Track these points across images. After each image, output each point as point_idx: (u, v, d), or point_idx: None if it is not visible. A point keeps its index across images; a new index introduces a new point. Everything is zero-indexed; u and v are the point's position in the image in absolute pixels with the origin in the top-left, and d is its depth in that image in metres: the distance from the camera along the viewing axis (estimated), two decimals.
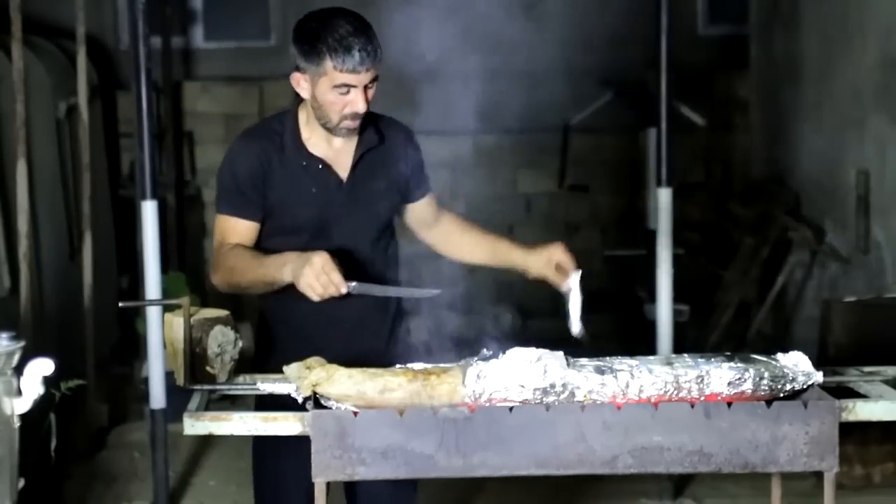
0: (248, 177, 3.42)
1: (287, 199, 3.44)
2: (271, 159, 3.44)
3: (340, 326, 3.48)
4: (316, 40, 3.32)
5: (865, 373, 3.30)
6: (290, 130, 3.47)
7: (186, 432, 3.00)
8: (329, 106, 3.36)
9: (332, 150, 3.48)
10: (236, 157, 3.48)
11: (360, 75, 3.30)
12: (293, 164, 3.44)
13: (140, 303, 5.71)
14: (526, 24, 9.03)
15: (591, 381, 2.95)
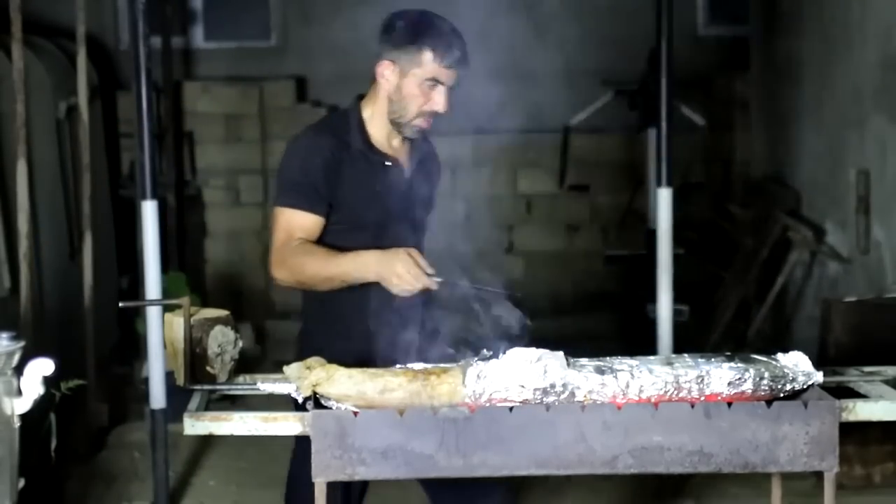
0: (318, 171, 3.41)
1: (354, 195, 3.45)
2: (340, 155, 3.44)
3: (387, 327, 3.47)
4: (418, 31, 3.38)
5: (865, 373, 3.30)
6: (356, 127, 3.49)
7: (186, 432, 3.00)
8: (411, 99, 3.40)
9: (393, 149, 3.52)
10: (306, 151, 3.46)
11: (451, 73, 3.38)
12: (360, 161, 3.46)
13: (140, 303, 5.71)
14: (526, 24, 9.03)
15: (591, 381, 2.95)
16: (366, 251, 3.30)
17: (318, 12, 9.12)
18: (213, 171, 8.86)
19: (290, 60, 9.22)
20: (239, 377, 3.28)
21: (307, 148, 3.46)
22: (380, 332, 3.38)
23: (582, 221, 9.07)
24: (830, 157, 6.78)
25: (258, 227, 8.94)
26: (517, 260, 8.95)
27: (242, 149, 8.89)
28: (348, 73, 8.94)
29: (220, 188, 8.88)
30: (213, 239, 8.91)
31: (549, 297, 8.85)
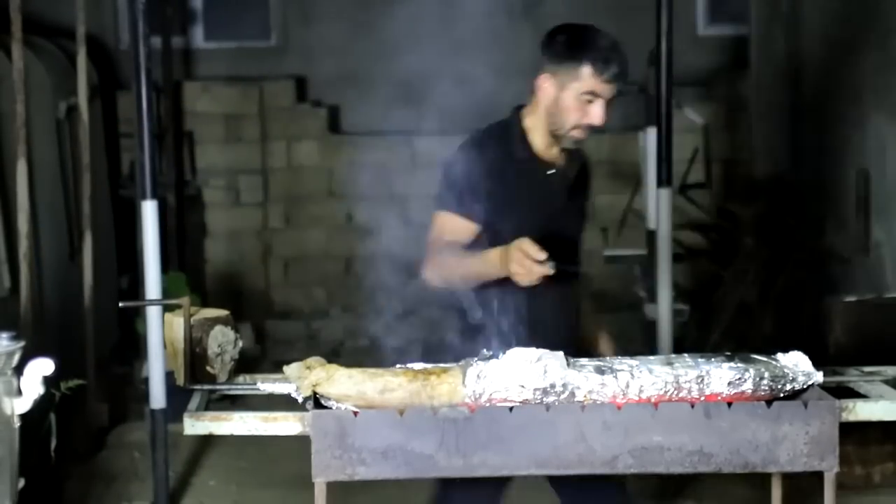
0: (479, 178, 3.46)
1: (516, 202, 3.48)
2: (500, 164, 3.48)
3: (539, 324, 3.48)
4: (578, 46, 3.48)
5: (865, 373, 3.30)
6: (519, 137, 3.53)
7: (186, 432, 3.00)
8: (568, 112, 3.45)
9: (553, 158, 3.55)
10: (468, 158, 3.52)
11: (608, 87, 3.44)
12: (524, 170, 3.50)
13: (140, 303, 5.71)
14: (526, 24, 9.04)
15: (591, 381, 2.95)
16: (491, 250, 3.33)
17: (318, 12, 9.13)
18: (213, 171, 8.86)
19: (290, 60, 9.22)
20: (239, 377, 3.28)
21: (470, 155, 3.52)
22: (542, 322, 3.45)
23: None
24: (830, 157, 6.78)
25: (258, 227, 8.94)
26: None
27: (242, 149, 8.89)
28: (348, 73, 8.99)
29: (220, 188, 8.89)
30: (213, 239, 8.91)
31: None
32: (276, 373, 3.20)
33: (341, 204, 8.96)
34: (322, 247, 9.02)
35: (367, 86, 8.54)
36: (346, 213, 8.98)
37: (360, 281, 8.90)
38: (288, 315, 8.93)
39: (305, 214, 9.00)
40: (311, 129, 8.99)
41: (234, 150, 8.88)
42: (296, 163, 8.98)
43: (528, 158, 3.52)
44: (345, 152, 8.98)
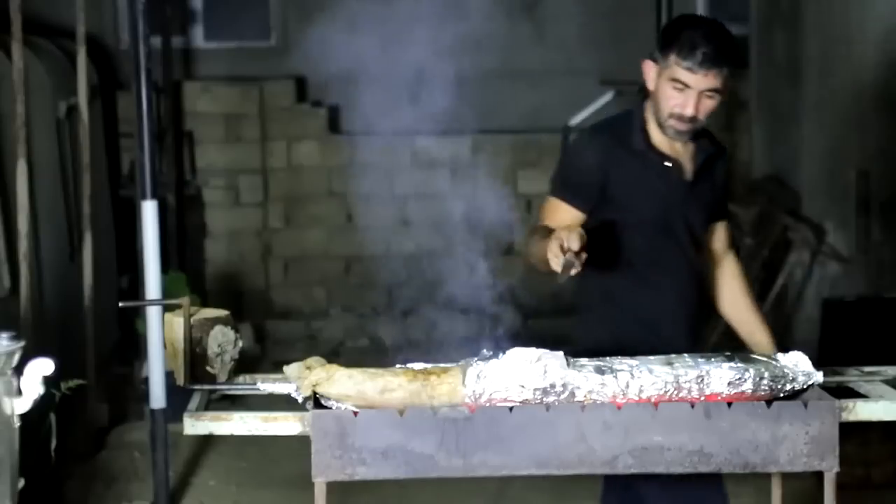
0: (587, 168, 3.49)
1: (632, 194, 3.49)
2: (617, 155, 3.49)
3: (655, 314, 3.53)
4: (672, 32, 3.43)
5: (865, 373, 3.30)
6: (638, 127, 3.52)
7: (186, 432, 3.00)
8: (664, 99, 3.43)
9: (674, 150, 3.54)
10: (580, 148, 3.57)
11: (696, 77, 3.36)
12: (640, 161, 3.50)
13: (140, 303, 5.71)
14: (526, 24, 9.04)
15: (591, 381, 2.95)
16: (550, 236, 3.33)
17: (318, 12, 9.12)
18: (213, 171, 8.86)
19: (290, 60, 9.21)
20: (239, 377, 3.28)
21: (583, 146, 3.57)
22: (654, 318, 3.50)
23: None
24: (830, 157, 6.78)
25: (258, 227, 8.94)
26: (517, 260, 8.94)
27: (242, 149, 8.89)
28: (348, 73, 8.98)
29: (220, 188, 8.88)
30: (213, 239, 8.91)
31: (549, 296, 8.85)
32: (276, 373, 3.20)
33: (341, 204, 8.96)
34: (322, 247, 9.02)
35: (367, 86, 8.54)
36: (346, 213, 8.98)
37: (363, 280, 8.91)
38: (288, 315, 8.93)
39: (305, 214, 9.00)
40: (311, 129, 8.99)
41: (234, 150, 8.88)
42: (296, 163, 8.97)
43: (643, 149, 3.51)
44: (345, 152, 8.97)
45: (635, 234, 3.50)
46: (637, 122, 3.53)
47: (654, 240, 3.50)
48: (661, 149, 3.52)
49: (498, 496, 5.38)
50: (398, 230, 8.83)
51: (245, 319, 8.08)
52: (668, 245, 3.51)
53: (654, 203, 3.51)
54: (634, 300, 3.53)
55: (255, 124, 8.89)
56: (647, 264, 3.53)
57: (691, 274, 3.58)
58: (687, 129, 3.46)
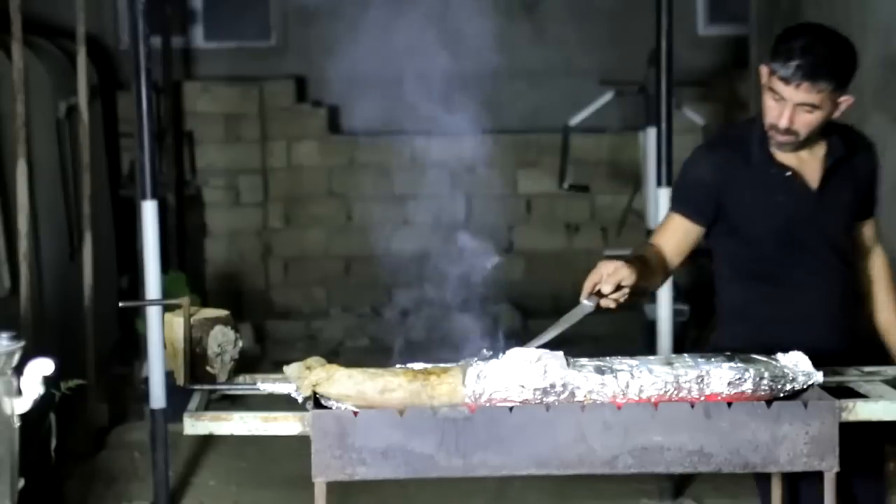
0: (702, 183, 3.46)
1: (751, 206, 3.45)
2: (734, 168, 3.45)
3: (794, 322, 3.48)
4: (779, 40, 3.35)
5: (865, 373, 3.30)
6: (757, 137, 3.45)
7: (186, 432, 3.00)
8: (764, 107, 3.37)
9: (798, 157, 3.46)
10: (696, 162, 3.53)
11: (789, 89, 3.28)
12: (759, 172, 3.45)
13: (140, 303, 5.71)
14: (526, 24, 9.05)
15: (591, 381, 2.95)
16: None
17: (318, 12, 9.13)
18: (213, 171, 8.86)
19: (290, 60, 9.22)
20: (239, 377, 3.27)
21: (698, 160, 3.53)
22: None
23: (582, 221, 9.07)
24: None
25: (258, 227, 8.95)
26: (517, 260, 8.95)
27: (242, 149, 8.89)
28: (348, 73, 8.98)
29: (220, 188, 8.89)
30: (213, 239, 8.91)
31: (549, 297, 8.85)
32: (276, 373, 3.20)
33: (341, 204, 8.97)
34: (322, 247, 9.02)
35: (367, 86, 8.54)
36: (346, 213, 8.99)
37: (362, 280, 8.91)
38: (288, 315, 8.93)
39: (305, 214, 9.00)
40: (311, 129, 8.99)
41: (234, 150, 8.88)
42: (296, 163, 8.98)
43: (761, 162, 3.44)
44: (345, 152, 8.98)
45: (759, 247, 3.46)
46: (756, 133, 3.44)
47: (781, 253, 3.44)
48: (783, 158, 3.43)
49: (498, 496, 5.39)
50: (398, 230, 8.84)
51: (245, 319, 8.08)
52: (799, 257, 3.43)
53: (776, 216, 3.44)
54: (763, 314, 3.49)
55: (255, 124, 8.90)
56: (775, 278, 3.48)
57: (833, 281, 3.49)
58: (787, 141, 3.36)
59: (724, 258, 3.57)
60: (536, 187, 9.00)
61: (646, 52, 6.14)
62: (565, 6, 9.08)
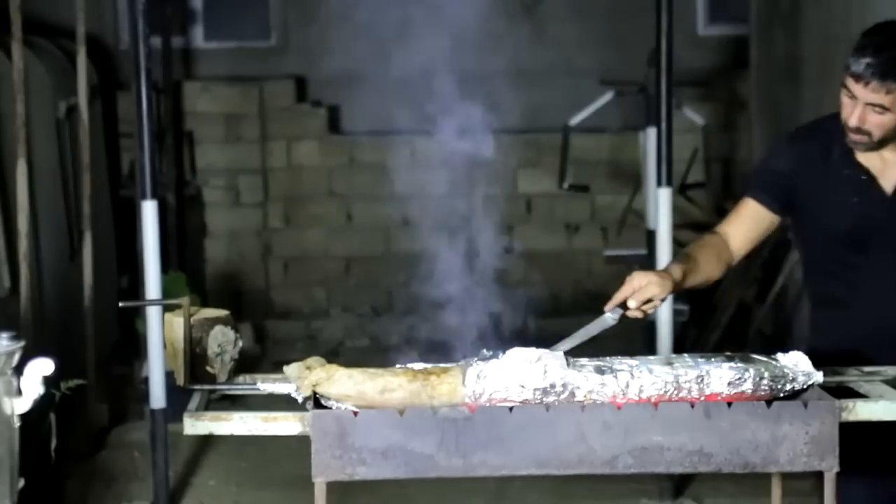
0: (779, 171, 3.43)
1: (822, 204, 3.40)
2: (813, 162, 3.40)
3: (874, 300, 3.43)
4: (861, 36, 3.30)
5: (865, 373, 3.30)
6: (840, 134, 3.36)
7: (186, 432, 3.00)
8: (840, 104, 3.32)
9: (881, 159, 3.38)
10: (777, 150, 3.52)
11: (858, 87, 3.20)
12: (836, 171, 3.39)
13: (140, 303, 5.71)
14: (526, 24, 9.04)
15: (591, 381, 2.95)
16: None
17: (318, 12, 9.13)
18: (213, 171, 8.86)
19: (290, 60, 9.23)
20: (239, 377, 3.27)
21: (779, 148, 3.53)
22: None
23: (582, 221, 9.08)
24: None
25: (258, 226, 8.95)
26: (517, 260, 8.95)
27: (242, 149, 8.89)
28: (348, 73, 8.99)
29: (220, 188, 8.89)
30: (213, 239, 8.91)
31: (549, 297, 8.85)
32: (276, 373, 3.20)
33: (341, 204, 8.97)
34: (322, 247, 9.02)
35: (367, 86, 8.54)
36: (346, 213, 8.99)
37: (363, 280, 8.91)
38: (288, 315, 8.93)
39: (305, 214, 9.00)
40: (311, 129, 9.00)
41: (234, 150, 8.88)
42: (296, 163, 8.98)
43: (839, 160, 3.38)
44: (345, 152, 8.98)
45: (828, 246, 3.42)
46: (840, 130, 3.33)
47: (849, 254, 3.39)
48: (862, 159, 3.36)
49: (498, 496, 5.39)
50: (398, 230, 8.84)
51: (245, 319, 8.08)
52: (867, 260, 3.36)
53: (846, 217, 3.38)
54: (830, 314, 3.48)
55: (255, 124, 8.90)
56: (843, 279, 3.44)
57: None
58: (860, 141, 3.28)
59: (801, 251, 3.58)
60: (536, 187, 9.00)
61: (646, 52, 6.13)
62: (565, 6, 9.08)
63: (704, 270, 3.35)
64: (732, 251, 3.45)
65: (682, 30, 7.29)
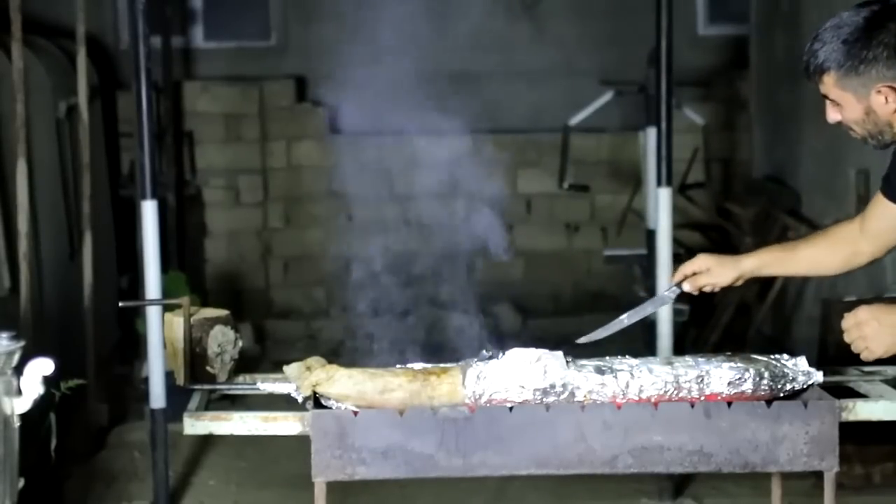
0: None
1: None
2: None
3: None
4: None
5: (865, 373, 3.30)
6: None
7: (186, 432, 3.01)
8: None
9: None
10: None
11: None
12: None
13: (140, 303, 5.71)
14: (526, 24, 9.05)
15: (591, 381, 2.95)
16: None
17: (318, 12, 9.14)
18: (213, 171, 8.86)
19: (290, 60, 9.22)
20: (239, 377, 3.28)
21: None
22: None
23: (582, 221, 9.07)
24: (830, 157, 6.78)
25: (258, 226, 8.95)
26: (517, 260, 8.95)
27: (242, 149, 8.89)
28: (348, 73, 8.99)
29: (220, 188, 8.89)
30: (213, 239, 8.91)
31: (549, 297, 8.85)
32: (276, 373, 3.20)
33: (341, 204, 8.96)
34: (322, 247, 9.01)
35: (368, 86, 8.54)
36: (346, 213, 8.99)
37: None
38: (288, 315, 8.93)
39: (305, 214, 9.00)
40: (311, 129, 8.99)
41: (234, 149, 8.88)
42: (296, 163, 8.98)
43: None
44: (345, 152, 8.97)
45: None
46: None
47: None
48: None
49: (498, 496, 5.38)
50: (398, 230, 8.84)
51: (245, 319, 8.08)
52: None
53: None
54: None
55: (255, 124, 8.90)
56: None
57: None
58: (862, 139, 3.04)
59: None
60: (536, 187, 8.99)
61: (646, 52, 6.12)
62: (565, 6, 9.08)
63: (810, 260, 3.26)
64: (864, 245, 3.25)
65: (682, 30, 7.29)
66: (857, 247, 3.26)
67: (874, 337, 2.81)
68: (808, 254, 3.28)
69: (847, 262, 3.29)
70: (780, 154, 7.69)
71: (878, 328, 2.81)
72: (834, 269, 3.33)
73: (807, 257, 3.28)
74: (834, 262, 3.29)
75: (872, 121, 2.95)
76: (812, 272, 3.34)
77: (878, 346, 2.82)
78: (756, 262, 3.24)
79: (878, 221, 3.23)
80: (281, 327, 8.69)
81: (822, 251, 3.28)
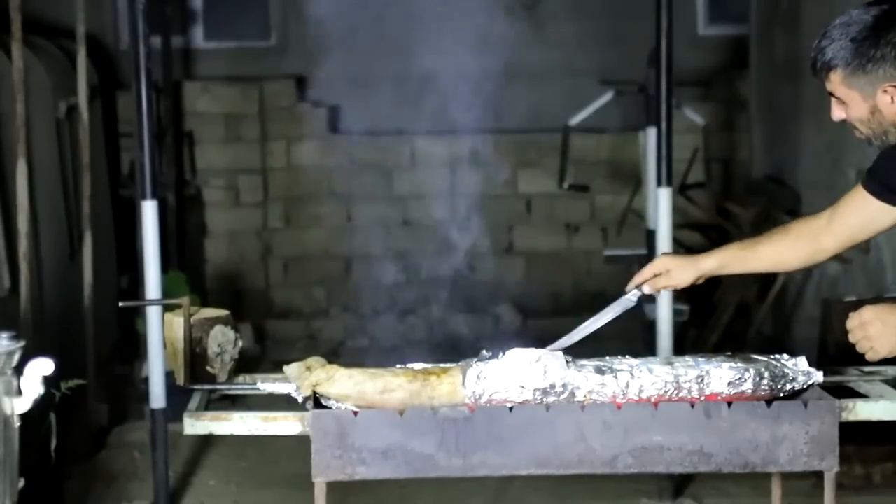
0: (893, 165, 3.14)
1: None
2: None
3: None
4: None
5: (865, 373, 3.30)
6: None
7: (186, 432, 3.01)
8: None
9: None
10: None
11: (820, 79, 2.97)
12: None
13: (140, 303, 5.71)
14: (526, 24, 9.04)
15: (591, 381, 2.95)
16: None
17: (318, 12, 9.13)
18: (213, 171, 8.86)
19: (290, 60, 9.22)
20: (239, 377, 3.28)
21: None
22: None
23: (582, 221, 9.07)
24: (830, 157, 6.78)
25: (258, 226, 8.95)
26: (517, 260, 8.95)
27: (242, 149, 8.89)
28: (348, 73, 9.00)
29: (220, 188, 8.89)
30: (213, 239, 8.91)
31: (549, 297, 8.85)
32: (276, 373, 3.20)
33: (341, 204, 8.97)
34: (322, 247, 9.02)
35: (367, 86, 8.54)
36: (346, 213, 8.99)
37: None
38: (288, 315, 8.93)
39: (305, 214, 9.00)
40: (311, 129, 8.99)
41: (234, 149, 8.88)
42: (296, 163, 8.98)
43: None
44: (345, 152, 8.98)
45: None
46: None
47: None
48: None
49: (498, 496, 5.38)
50: (398, 230, 8.84)
51: (245, 319, 8.08)
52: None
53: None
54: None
55: (255, 124, 8.90)
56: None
57: None
58: (860, 136, 3.06)
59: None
60: (536, 187, 8.99)
61: (646, 52, 6.13)
62: (565, 6, 9.08)
63: (772, 257, 3.24)
64: (827, 240, 3.22)
65: (682, 30, 7.28)
66: (820, 243, 3.23)
67: (879, 337, 2.81)
68: (770, 251, 3.25)
69: (810, 257, 3.27)
70: (780, 154, 7.69)
71: (882, 328, 2.81)
72: (796, 264, 3.33)
73: (768, 254, 3.25)
74: (796, 257, 3.26)
75: (877, 120, 2.96)
76: (774, 269, 3.35)
77: (882, 346, 2.82)
78: (716, 262, 3.23)
79: (851, 215, 3.18)
80: (281, 327, 8.69)
81: (783, 248, 3.25)
